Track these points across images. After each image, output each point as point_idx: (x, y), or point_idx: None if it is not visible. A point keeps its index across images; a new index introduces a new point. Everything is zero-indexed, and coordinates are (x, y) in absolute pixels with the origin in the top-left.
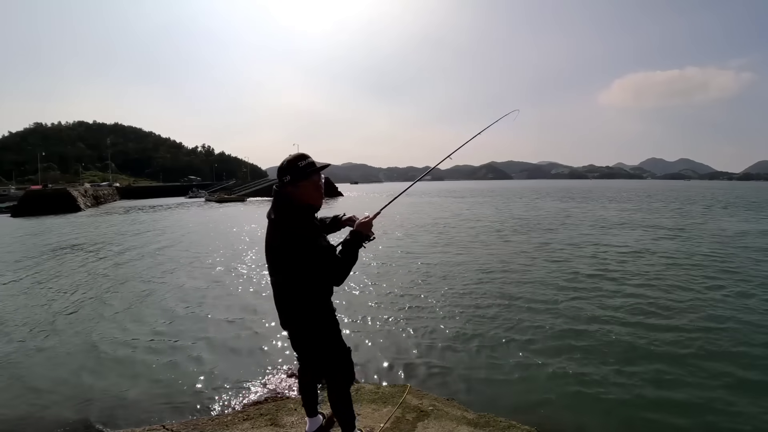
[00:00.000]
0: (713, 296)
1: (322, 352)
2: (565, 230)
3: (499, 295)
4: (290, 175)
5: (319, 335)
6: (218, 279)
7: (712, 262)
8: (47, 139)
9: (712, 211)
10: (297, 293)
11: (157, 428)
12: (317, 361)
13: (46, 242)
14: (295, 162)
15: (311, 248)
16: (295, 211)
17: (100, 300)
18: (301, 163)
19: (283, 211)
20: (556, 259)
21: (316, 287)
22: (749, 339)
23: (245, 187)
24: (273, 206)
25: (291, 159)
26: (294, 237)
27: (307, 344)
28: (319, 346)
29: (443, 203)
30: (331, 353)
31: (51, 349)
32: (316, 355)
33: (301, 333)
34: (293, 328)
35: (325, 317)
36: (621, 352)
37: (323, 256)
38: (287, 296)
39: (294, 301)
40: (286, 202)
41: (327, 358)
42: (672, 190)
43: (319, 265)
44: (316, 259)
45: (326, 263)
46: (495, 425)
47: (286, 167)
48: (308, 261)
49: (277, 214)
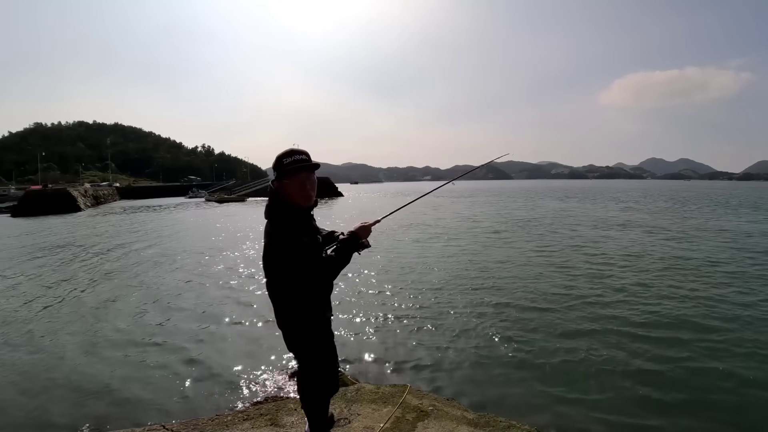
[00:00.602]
0: (719, 297)
1: (306, 358)
2: (565, 230)
3: (499, 295)
4: (276, 171)
5: (305, 341)
6: (218, 279)
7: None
8: (47, 139)
9: (733, 212)
10: (285, 296)
11: (157, 428)
12: (300, 366)
13: (44, 241)
14: (280, 159)
15: (293, 246)
16: (280, 209)
17: (98, 300)
18: (285, 160)
19: (269, 208)
20: (557, 259)
21: (303, 290)
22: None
23: (245, 187)
24: (267, 207)
25: (279, 155)
26: (277, 235)
27: (294, 348)
28: (304, 353)
29: (442, 203)
30: (314, 362)
31: (49, 349)
32: (301, 360)
33: (289, 336)
34: (285, 330)
35: (315, 325)
36: (622, 352)
37: (306, 254)
38: (276, 299)
39: (282, 304)
40: (272, 199)
41: (310, 366)
42: (673, 190)
43: (302, 264)
44: (299, 257)
45: (309, 261)
46: (495, 425)
47: (274, 163)
48: (292, 260)
49: (265, 212)
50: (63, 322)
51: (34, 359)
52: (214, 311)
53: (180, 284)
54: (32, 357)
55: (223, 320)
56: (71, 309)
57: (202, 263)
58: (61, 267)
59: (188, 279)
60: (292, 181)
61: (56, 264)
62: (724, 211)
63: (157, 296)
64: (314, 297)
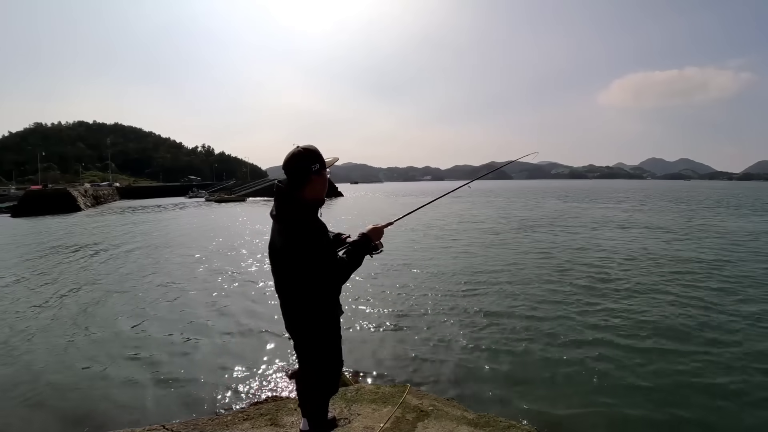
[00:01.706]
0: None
1: (314, 358)
2: (565, 233)
3: (499, 295)
4: (296, 173)
5: (316, 341)
6: (218, 279)
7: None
8: (47, 139)
9: (738, 212)
10: (300, 295)
11: (157, 428)
12: (308, 366)
13: (41, 241)
14: (304, 162)
15: (315, 245)
16: (297, 210)
17: (97, 300)
18: (314, 167)
19: (282, 209)
20: (558, 260)
21: (319, 289)
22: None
23: (245, 187)
24: (276, 203)
25: (300, 156)
26: (296, 234)
27: (303, 348)
28: (313, 352)
29: (443, 203)
30: (322, 362)
31: (48, 349)
32: (308, 359)
33: (300, 336)
34: (295, 332)
35: (326, 325)
36: (623, 353)
37: (326, 253)
38: (289, 298)
39: (296, 303)
40: (285, 199)
41: (317, 365)
42: (674, 190)
43: (322, 262)
44: (320, 255)
45: (328, 260)
46: (495, 425)
47: (292, 164)
48: (312, 258)
49: (277, 213)
50: (62, 321)
51: (33, 359)
52: (213, 311)
53: (179, 284)
54: (30, 357)
55: (223, 320)
56: (69, 309)
57: (201, 263)
58: (58, 266)
59: (188, 279)
60: (315, 183)
61: (54, 263)
62: (747, 211)
63: (157, 296)
64: (327, 297)
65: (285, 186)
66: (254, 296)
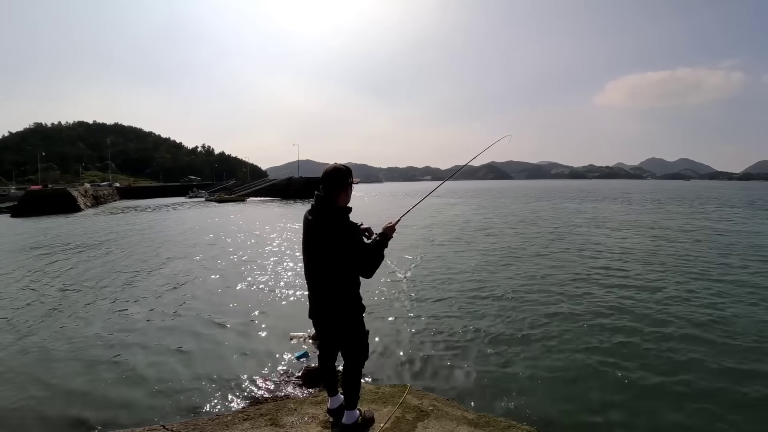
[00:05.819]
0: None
1: (351, 333)
2: (569, 234)
3: (499, 295)
4: (335, 183)
5: (352, 317)
6: (218, 278)
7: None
8: (47, 139)
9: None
10: (343, 276)
11: (157, 428)
12: (345, 341)
13: (42, 241)
14: (345, 176)
15: (355, 233)
16: (337, 210)
17: (97, 300)
18: (351, 180)
19: (323, 210)
20: (558, 260)
21: (355, 272)
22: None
23: (245, 187)
24: (315, 205)
25: (341, 172)
26: (339, 226)
27: (339, 326)
28: (350, 328)
29: (441, 202)
30: (358, 335)
31: (47, 349)
32: (346, 335)
33: (337, 315)
34: (329, 312)
35: (359, 302)
36: (623, 354)
37: (362, 239)
38: (330, 282)
39: (338, 285)
40: (325, 203)
41: (354, 339)
42: (675, 190)
43: (361, 246)
44: (359, 241)
45: (365, 255)
46: (495, 425)
47: (334, 177)
48: (354, 243)
49: (317, 213)
50: (61, 321)
51: (32, 359)
52: (214, 311)
53: (180, 283)
54: (29, 357)
55: (224, 320)
56: (68, 309)
57: (201, 263)
58: (56, 266)
59: (188, 279)
60: (348, 192)
61: (54, 263)
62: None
63: (157, 296)
64: (359, 285)
65: (324, 193)
66: (255, 296)
